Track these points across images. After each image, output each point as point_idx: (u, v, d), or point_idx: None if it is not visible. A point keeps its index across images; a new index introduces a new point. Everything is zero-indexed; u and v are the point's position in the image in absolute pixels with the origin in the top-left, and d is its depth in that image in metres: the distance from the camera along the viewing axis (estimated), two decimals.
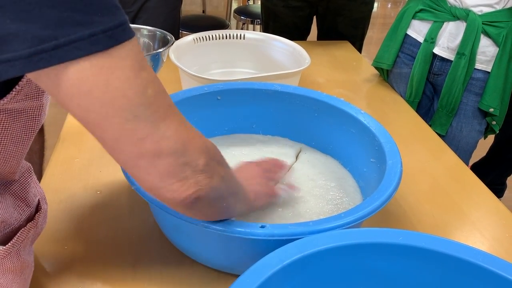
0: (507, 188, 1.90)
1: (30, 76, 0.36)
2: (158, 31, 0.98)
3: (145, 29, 0.99)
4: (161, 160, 0.39)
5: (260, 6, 1.72)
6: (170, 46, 0.91)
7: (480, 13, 1.09)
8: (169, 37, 0.95)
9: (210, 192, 0.45)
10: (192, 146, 0.41)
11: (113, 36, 0.35)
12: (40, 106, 0.46)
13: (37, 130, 0.48)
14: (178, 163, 0.40)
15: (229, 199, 0.52)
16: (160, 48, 0.93)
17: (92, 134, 0.39)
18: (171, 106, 0.40)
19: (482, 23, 1.09)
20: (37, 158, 1.32)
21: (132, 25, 1.07)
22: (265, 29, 1.66)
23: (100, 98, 0.36)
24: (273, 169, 0.71)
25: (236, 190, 0.54)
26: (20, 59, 0.33)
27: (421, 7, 1.19)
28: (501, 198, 1.88)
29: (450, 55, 1.16)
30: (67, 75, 0.34)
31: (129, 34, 0.37)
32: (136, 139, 0.38)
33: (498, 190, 1.86)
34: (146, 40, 1.00)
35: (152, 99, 0.38)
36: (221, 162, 0.48)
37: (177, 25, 1.60)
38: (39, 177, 1.13)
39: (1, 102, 0.41)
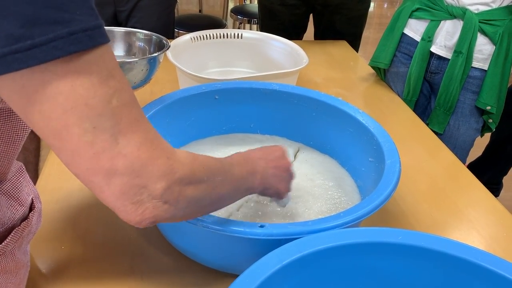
0: (503, 188, 1.90)
1: None
2: (154, 35, 0.98)
3: (141, 33, 0.99)
4: (115, 179, 0.36)
5: (256, 5, 1.72)
6: (166, 50, 0.90)
7: (476, 12, 1.10)
8: (164, 42, 0.95)
9: (172, 216, 0.42)
10: (152, 168, 0.38)
11: (92, 36, 0.33)
12: None
13: (29, 130, 0.48)
14: (132, 185, 0.37)
15: (208, 208, 0.49)
16: (156, 52, 0.93)
17: (47, 143, 0.36)
18: (137, 120, 0.37)
19: (479, 22, 1.09)
20: (33, 158, 1.32)
21: (127, 29, 1.07)
22: (262, 27, 1.66)
23: (63, 104, 0.33)
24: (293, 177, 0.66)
25: (222, 196, 0.50)
26: None
27: (417, 6, 1.19)
28: (497, 198, 1.89)
29: (447, 54, 1.16)
30: (34, 79, 0.32)
31: (106, 39, 0.35)
32: (92, 153, 0.35)
33: (494, 189, 1.87)
34: (142, 44, 1.00)
35: (116, 110, 0.35)
36: (199, 179, 0.43)
37: (172, 24, 1.60)
38: (35, 177, 1.13)
39: None
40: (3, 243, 0.48)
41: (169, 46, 0.93)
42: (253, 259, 0.49)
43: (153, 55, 0.89)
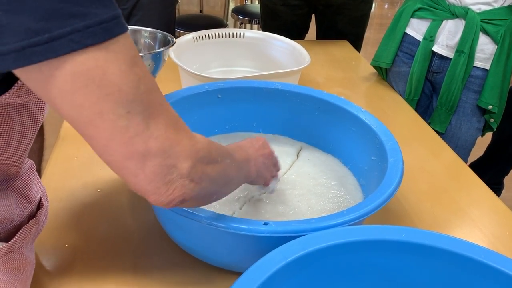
0: (504, 188, 1.90)
1: (18, 73, 0.34)
2: (159, 33, 0.98)
3: (146, 30, 0.99)
4: (148, 161, 0.38)
5: (258, 5, 1.72)
6: (171, 46, 0.91)
7: (478, 11, 1.10)
8: (170, 38, 0.95)
9: (197, 195, 0.44)
10: (179, 148, 0.40)
11: (108, 29, 0.34)
12: (42, 101, 0.46)
13: (39, 125, 0.48)
14: (164, 165, 0.39)
15: (221, 190, 0.51)
16: (161, 48, 0.93)
17: (81, 133, 0.37)
18: (162, 105, 0.39)
19: (481, 21, 1.09)
20: (36, 157, 1.32)
21: (133, 27, 1.07)
22: (264, 28, 1.66)
23: (96, 93, 0.34)
24: (277, 164, 0.71)
25: (232, 179, 0.53)
26: (12, 52, 0.31)
27: (419, 5, 1.20)
28: (499, 198, 1.89)
29: (449, 53, 1.16)
30: (61, 70, 0.33)
31: (124, 28, 0.36)
32: (128, 137, 0.36)
33: (495, 189, 1.87)
34: (148, 40, 1.00)
35: (144, 95, 0.37)
36: (214, 159, 0.46)
37: (173, 23, 1.60)
38: (39, 176, 1.12)
39: (3, 97, 0.40)
40: (11, 240, 0.49)
41: (174, 42, 0.93)
42: (257, 257, 0.49)
43: (158, 50, 0.89)
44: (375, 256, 0.54)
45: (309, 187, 0.78)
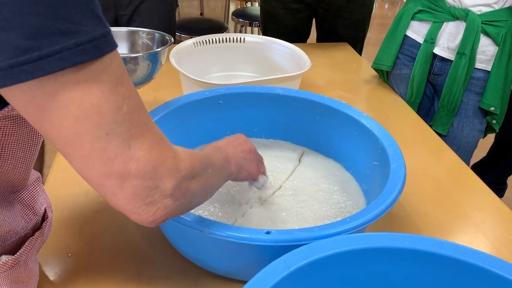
0: (507, 188, 1.90)
1: (2, 92, 0.34)
2: (157, 33, 0.99)
3: (144, 31, 1.00)
4: (128, 182, 0.37)
5: (258, 8, 1.72)
6: (169, 45, 0.91)
7: (479, 13, 1.09)
8: (167, 38, 0.96)
9: (180, 211, 0.44)
10: (162, 169, 0.39)
11: (98, 47, 0.34)
12: None
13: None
14: (145, 186, 0.38)
15: (204, 199, 0.51)
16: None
17: (59, 150, 0.37)
18: (146, 124, 0.39)
19: (482, 23, 1.09)
20: (37, 163, 1.32)
21: (130, 28, 1.07)
22: (264, 32, 1.66)
23: (74, 113, 0.34)
24: (262, 161, 0.71)
25: (214, 186, 0.53)
26: (0, 70, 0.31)
27: (419, 8, 1.19)
28: (502, 198, 1.89)
29: (450, 55, 1.16)
30: (44, 89, 0.33)
31: (113, 45, 0.35)
32: (105, 158, 0.36)
33: (498, 190, 1.87)
34: (146, 41, 1.00)
35: (127, 116, 0.36)
36: (197, 173, 0.46)
37: (173, 28, 1.60)
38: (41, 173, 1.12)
39: (6, 109, 0.40)
40: (17, 253, 0.49)
41: (172, 42, 0.94)
42: (260, 265, 0.49)
43: (155, 50, 0.89)
44: (379, 264, 0.54)
45: (311, 192, 0.78)
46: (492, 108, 1.13)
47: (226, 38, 1.20)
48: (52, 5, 0.31)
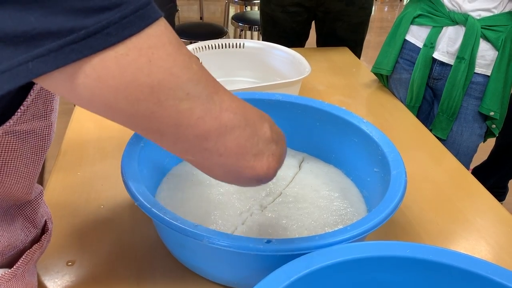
0: (508, 191, 1.89)
1: (52, 79, 0.31)
2: None
3: None
4: (228, 135, 0.36)
5: (258, 12, 1.72)
6: None
7: (478, 18, 1.09)
8: None
9: (284, 157, 0.42)
10: (251, 115, 0.38)
11: (144, 16, 0.32)
12: (49, 125, 0.45)
13: (47, 149, 0.47)
14: (246, 136, 0.37)
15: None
16: None
17: (145, 133, 0.35)
18: (216, 80, 0.38)
19: (481, 28, 1.09)
20: None
21: None
22: (264, 35, 1.66)
23: (147, 82, 0.32)
24: None
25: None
26: (50, 52, 0.29)
27: (419, 12, 1.19)
28: (503, 202, 1.88)
29: (450, 60, 1.16)
30: (105, 67, 0.31)
31: (159, 12, 0.34)
32: (196, 118, 0.34)
33: (500, 193, 1.86)
34: None
35: (199, 74, 0.35)
36: (274, 122, 0.44)
37: None
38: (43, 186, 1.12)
39: (7, 124, 0.39)
40: (14, 266, 0.48)
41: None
42: (261, 274, 0.49)
43: None
44: (380, 273, 0.53)
45: (312, 199, 0.78)
46: (491, 113, 1.13)
47: (225, 44, 1.20)
48: None
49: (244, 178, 0.39)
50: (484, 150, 1.65)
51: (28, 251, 0.50)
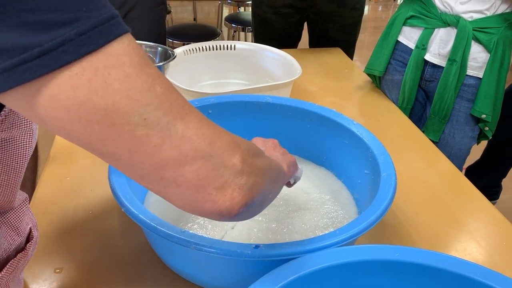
0: (502, 190, 1.90)
1: (7, 97, 0.30)
2: (160, 47, 0.98)
3: (147, 45, 0.99)
4: (188, 165, 0.33)
5: (250, 13, 1.72)
6: (172, 59, 0.90)
7: (470, 20, 1.09)
8: (170, 52, 0.95)
9: (257, 191, 0.38)
10: (220, 143, 0.34)
11: (104, 32, 0.30)
12: (29, 133, 0.45)
13: (29, 157, 0.46)
14: (209, 166, 0.34)
15: (274, 187, 0.45)
16: (162, 62, 0.93)
17: (99, 155, 0.33)
18: (186, 103, 0.34)
19: (473, 30, 1.08)
20: (30, 174, 1.31)
21: None
22: (256, 36, 1.66)
23: (102, 105, 0.30)
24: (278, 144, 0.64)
25: (277, 174, 0.47)
26: (3, 72, 0.28)
27: (411, 13, 1.19)
28: (497, 200, 1.88)
29: (441, 62, 1.15)
30: (58, 86, 0.29)
31: (123, 28, 0.32)
32: (153, 146, 0.32)
33: (493, 192, 1.87)
34: (149, 55, 0.99)
35: (163, 97, 0.32)
36: (257, 152, 0.40)
37: (163, 35, 1.59)
38: (32, 193, 1.12)
39: None
40: None
41: (175, 56, 0.93)
42: (250, 280, 0.48)
43: (158, 64, 0.89)
44: (369, 277, 0.53)
45: (302, 202, 0.77)
46: (483, 116, 1.12)
47: (216, 46, 1.20)
48: None
49: (204, 211, 0.36)
50: (477, 149, 1.65)
51: (12, 260, 0.49)
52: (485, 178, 1.82)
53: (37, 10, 0.28)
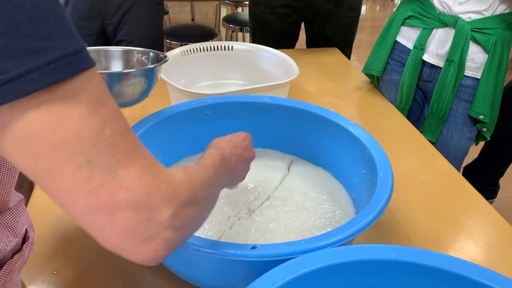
0: (500, 189, 1.90)
1: None
2: (152, 52, 0.97)
3: (138, 50, 0.98)
4: (119, 215, 0.33)
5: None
6: (164, 62, 0.90)
7: (468, 20, 1.09)
8: (162, 56, 0.95)
9: (181, 242, 0.39)
10: (157, 196, 0.35)
11: (72, 64, 0.31)
12: None
13: None
14: (139, 219, 0.34)
15: (205, 219, 0.46)
16: None
17: (39, 185, 0.33)
18: (134, 148, 0.35)
19: (471, 30, 1.08)
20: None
21: (125, 48, 1.06)
22: (253, 37, 1.66)
23: (51, 141, 0.30)
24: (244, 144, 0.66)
25: (215, 202, 0.48)
26: None
27: (410, 13, 1.19)
28: (494, 199, 1.89)
29: (439, 62, 1.15)
30: (15, 115, 0.30)
31: (89, 62, 0.32)
32: (90, 189, 0.32)
33: (491, 191, 1.87)
34: (140, 59, 0.99)
35: (110, 140, 0.33)
36: (198, 197, 0.41)
37: (161, 35, 1.59)
38: (30, 195, 1.12)
39: None
40: None
41: (167, 59, 0.93)
42: (247, 280, 0.48)
43: (150, 66, 0.88)
44: (366, 277, 0.53)
45: (300, 202, 0.77)
46: (481, 117, 1.12)
47: (214, 46, 1.20)
48: (15, 23, 0.29)
49: (127, 257, 0.36)
50: (475, 148, 1.65)
51: (9, 261, 0.49)
52: (482, 177, 1.82)
53: (6, 35, 0.28)
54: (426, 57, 1.17)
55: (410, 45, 1.20)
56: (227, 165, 0.55)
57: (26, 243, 0.52)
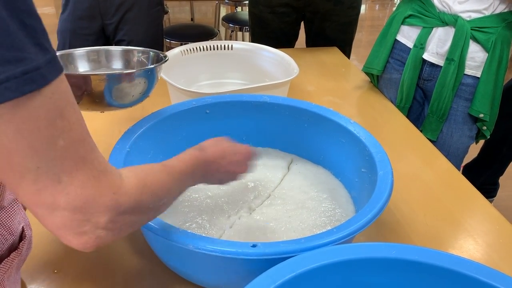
0: (499, 187, 1.90)
1: None
2: (152, 51, 0.97)
3: (139, 50, 0.98)
4: (57, 212, 0.37)
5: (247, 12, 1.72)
6: (164, 62, 0.90)
7: (468, 19, 1.09)
8: (162, 56, 0.95)
9: (114, 239, 0.43)
10: (95, 205, 0.39)
11: (45, 74, 0.33)
12: None
13: None
14: (74, 219, 0.38)
15: (151, 218, 0.50)
16: None
17: None
18: (84, 158, 0.38)
19: (471, 29, 1.08)
20: None
21: (125, 47, 1.06)
22: (253, 36, 1.66)
23: (7, 145, 0.34)
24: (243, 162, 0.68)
25: (169, 203, 0.52)
26: None
27: (410, 12, 1.19)
28: (494, 198, 1.89)
29: (439, 61, 1.15)
30: None
31: (57, 71, 0.35)
32: (35, 189, 0.36)
33: (491, 190, 1.87)
34: (140, 59, 0.99)
35: (61, 152, 0.36)
36: (144, 207, 0.45)
37: (160, 35, 1.59)
38: None
39: None
40: None
41: (167, 59, 0.93)
42: (248, 278, 0.48)
43: (150, 66, 0.88)
44: (367, 275, 0.53)
45: (300, 201, 0.78)
46: (481, 115, 1.12)
47: (213, 46, 1.20)
48: None
49: (62, 241, 0.41)
50: (475, 147, 1.66)
51: (6, 259, 0.49)
52: (482, 176, 1.82)
53: None
54: (426, 56, 1.17)
55: (410, 44, 1.21)
56: (203, 170, 0.58)
57: (23, 241, 0.52)
